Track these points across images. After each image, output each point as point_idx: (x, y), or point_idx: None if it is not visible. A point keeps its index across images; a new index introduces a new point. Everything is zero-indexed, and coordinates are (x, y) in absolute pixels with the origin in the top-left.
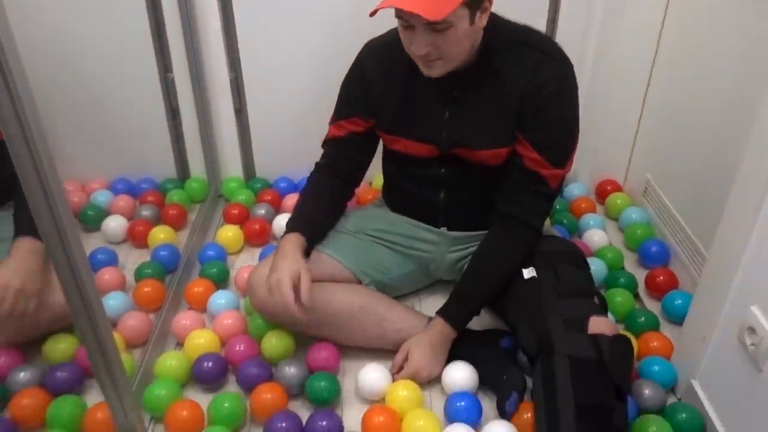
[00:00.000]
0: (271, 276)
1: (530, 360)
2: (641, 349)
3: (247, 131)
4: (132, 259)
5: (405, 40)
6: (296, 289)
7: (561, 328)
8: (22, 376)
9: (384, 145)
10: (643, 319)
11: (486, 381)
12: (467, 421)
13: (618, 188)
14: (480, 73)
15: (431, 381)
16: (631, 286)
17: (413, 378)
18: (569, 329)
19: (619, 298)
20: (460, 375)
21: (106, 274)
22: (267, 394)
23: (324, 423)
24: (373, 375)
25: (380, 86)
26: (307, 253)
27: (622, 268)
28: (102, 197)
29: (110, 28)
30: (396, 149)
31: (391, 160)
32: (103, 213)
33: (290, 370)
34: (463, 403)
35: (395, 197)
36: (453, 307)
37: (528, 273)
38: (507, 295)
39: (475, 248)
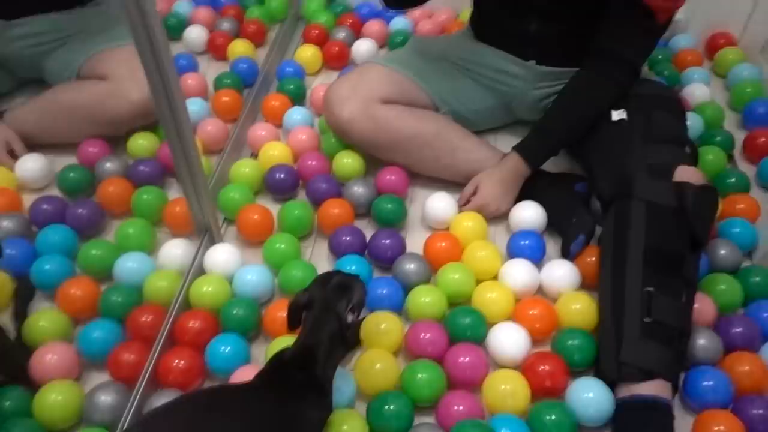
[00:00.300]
0: None
1: (604, 206)
2: (725, 210)
3: None
4: (212, 70)
5: None
6: None
7: (644, 173)
8: (109, 165)
9: None
10: (734, 179)
11: (554, 223)
12: (529, 259)
13: (732, 43)
14: None
15: (497, 217)
16: (727, 146)
17: (480, 211)
18: (653, 175)
19: (711, 156)
20: (528, 213)
21: (189, 80)
22: (335, 209)
23: (387, 241)
24: (440, 204)
25: None
26: None
27: (721, 126)
28: (183, 8)
29: None
30: None
31: None
32: (185, 22)
33: (359, 190)
34: (527, 242)
35: (483, 25)
36: (531, 143)
37: (617, 115)
38: (591, 135)
39: (562, 87)
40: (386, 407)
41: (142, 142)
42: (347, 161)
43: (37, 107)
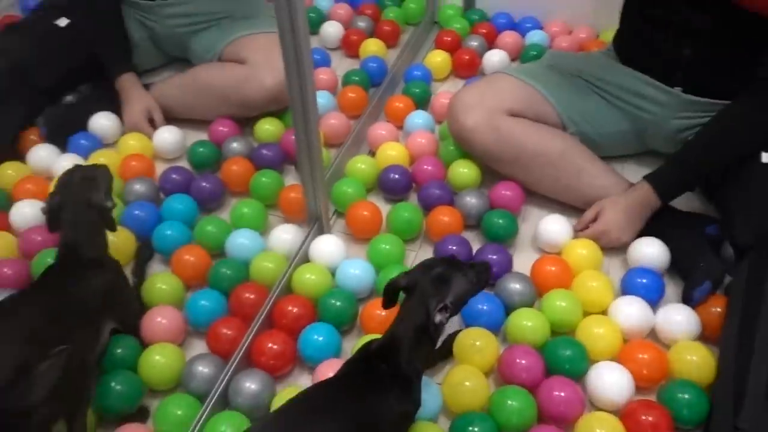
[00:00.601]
0: None
1: (738, 254)
2: None
3: None
4: (342, 66)
5: None
6: None
7: None
8: (235, 145)
9: None
10: None
11: (678, 264)
12: (644, 299)
13: None
14: None
15: (615, 249)
16: None
17: (598, 239)
18: None
19: None
20: (651, 250)
21: (321, 74)
22: (445, 217)
23: (494, 257)
24: (554, 226)
25: None
26: None
27: None
28: (324, 3)
29: None
30: None
31: None
32: (323, 18)
33: (471, 200)
34: (644, 280)
35: (629, 45)
36: (666, 174)
37: None
38: (734, 175)
39: (706, 120)
40: (470, 428)
41: (268, 128)
42: (463, 170)
43: (179, 83)
